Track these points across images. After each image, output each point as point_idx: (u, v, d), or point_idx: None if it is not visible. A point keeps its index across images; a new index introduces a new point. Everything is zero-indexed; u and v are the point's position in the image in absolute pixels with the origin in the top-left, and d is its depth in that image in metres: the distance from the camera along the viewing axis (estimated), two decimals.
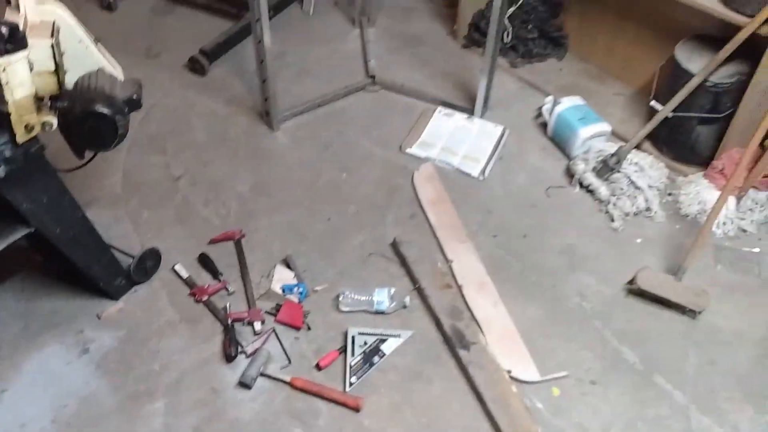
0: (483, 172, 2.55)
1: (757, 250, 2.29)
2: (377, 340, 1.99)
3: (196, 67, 3.00)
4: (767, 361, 1.99)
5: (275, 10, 3.30)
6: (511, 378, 1.90)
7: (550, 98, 2.72)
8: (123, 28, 3.24)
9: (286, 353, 1.97)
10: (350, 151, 2.64)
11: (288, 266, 2.19)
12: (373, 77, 2.95)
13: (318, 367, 1.93)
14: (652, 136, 2.62)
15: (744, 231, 2.34)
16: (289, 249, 2.25)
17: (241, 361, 1.94)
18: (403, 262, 2.21)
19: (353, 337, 1.98)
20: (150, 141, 2.67)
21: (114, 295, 2.09)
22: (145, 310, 2.08)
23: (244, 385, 1.88)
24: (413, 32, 3.29)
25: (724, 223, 2.33)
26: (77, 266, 1.94)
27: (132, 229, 2.31)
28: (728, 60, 2.31)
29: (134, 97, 1.75)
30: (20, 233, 1.74)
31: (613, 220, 2.36)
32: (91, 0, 3.36)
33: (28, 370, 1.92)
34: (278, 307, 2.06)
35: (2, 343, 1.97)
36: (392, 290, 2.09)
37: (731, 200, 2.35)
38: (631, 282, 2.13)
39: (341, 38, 3.24)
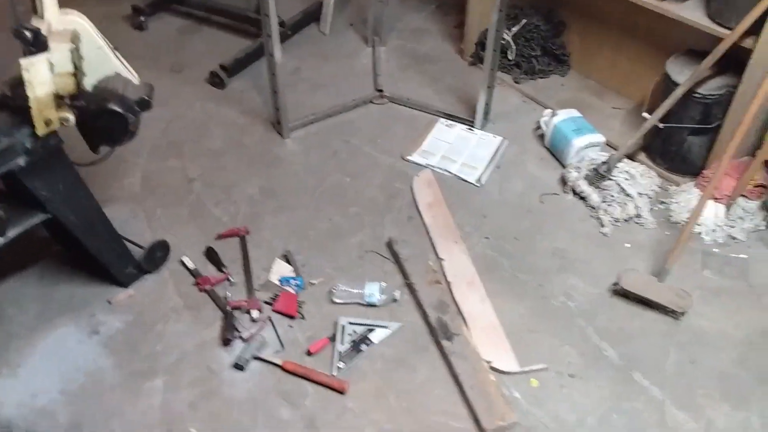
0: (480, 179, 2.65)
1: (744, 256, 2.33)
2: (366, 329, 2.09)
3: (216, 80, 3.19)
4: (748, 361, 2.02)
5: (294, 30, 3.51)
6: (491, 368, 1.98)
7: (548, 111, 2.83)
8: (151, 46, 3.48)
9: (279, 339, 2.08)
10: (355, 158, 2.78)
11: (287, 261, 2.32)
12: (380, 90, 3.11)
13: (309, 353, 2.04)
14: (646, 148, 2.71)
15: (733, 238, 2.39)
16: (290, 246, 2.38)
17: (238, 346, 2.06)
18: (397, 260, 2.32)
19: (343, 326, 2.09)
20: (169, 146, 2.86)
21: (125, 283, 2.24)
22: (153, 297, 2.23)
23: (238, 366, 2.00)
24: (423, 51, 3.44)
25: (714, 231, 2.39)
26: (91, 253, 2.10)
27: (146, 225, 2.48)
28: (718, 73, 2.40)
29: (145, 98, 1.92)
30: (39, 218, 1.91)
31: (603, 226, 2.44)
32: (125, 21, 3.61)
33: (42, 348, 2.07)
34: (275, 297, 2.18)
35: (21, 324, 2.14)
36: (383, 284, 2.19)
37: (721, 208, 2.41)
38: (616, 283, 2.20)
39: (354, 56, 3.41)
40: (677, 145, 2.55)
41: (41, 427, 1.87)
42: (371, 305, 2.17)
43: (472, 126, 2.91)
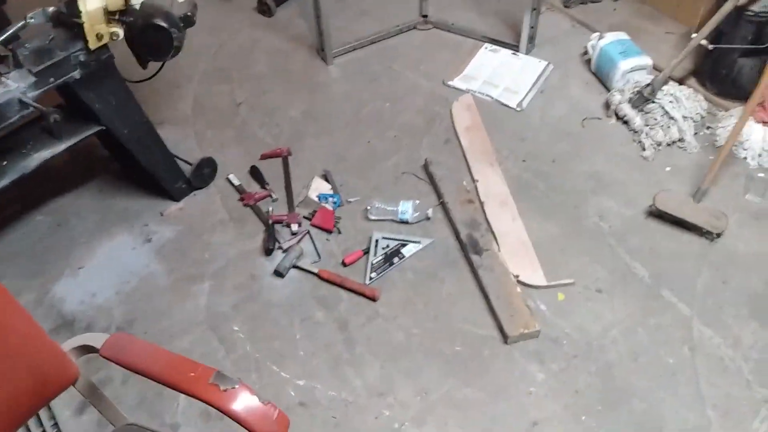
0: (521, 103, 2.64)
1: None
2: (398, 244, 2.17)
3: (264, 8, 3.25)
4: None
5: None
6: (519, 282, 2.03)
7: (596, 34, 2.75)
8: None
9: (317, 251, 2.19)
10: (396, 84, 2.81)
11: (326, 179, 2.41)
12: (425, 16, 3.09)
13: (344, 264, 2.14)
14: (696, 72, 2.62)
15: None
16: (329, 166, 2.47)
17: (278, 255, 2.19)
18: (432, 180, 2.37)
19: (377, 240, 2.18)
20: (218, 72, 2.96)
21: (176, 197, 2.39)
22: (201, 210, 2.37)
23: (278, 273, 2.12)
24: None
25: (760, 155, 2.32)
26: (143, 167, 2.24)
27: (196, 145, 2.61)
28: None
29: (189, 14, 2.00)
30: (94, 129, 2.05)
31: (644, 149, 2.40)
32: None
33: (100, 253, 2.26)
34: (314, 213, 2.29)
35: (81, 232, 2.33)
36: (417, 202, 2.26)
37: (766, 132, 2.32)
38: (651, 205, 2.18)
39: None
40: (727, 67, 2.46)
41: (99, 321, 2.05)
42: (405, 222, 2.24)
43: (517, 51, 2.87)
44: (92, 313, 2.08)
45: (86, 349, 1.14)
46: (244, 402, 0.97)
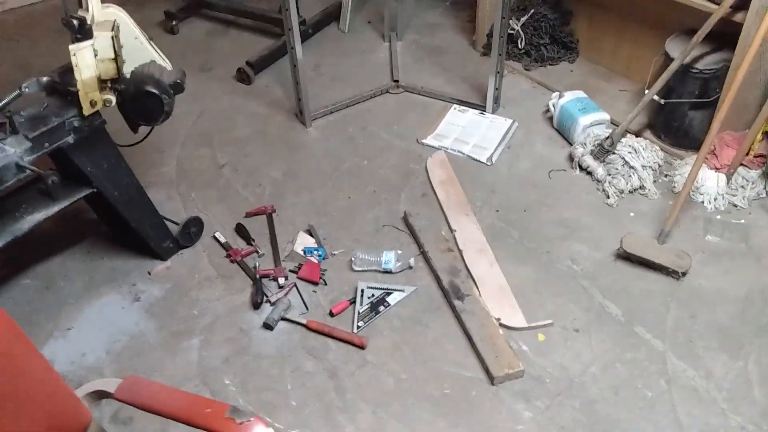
0: (491, 158, 2.80)
1: (744, 222, 2.44)
2: (383, 293, 2.25)
3: (242, 77, 3.41)
4: (746, 316, 2.13)
5: (314, 29, 3.72)
6: (500, 324, 2.12)
7: (556, 93, 2.97)
8: (182, 48, 3.71)
9: (304, 302, 2.26)
10: (372, 143, 2.96)
11: (310, 234, 2.50)
12: (396, 81, 3.29)
13: (331, 314, 2.21)
14: (651, 126, 2.83)
15: (735, 206, 2.50)
16: (312, 221, 2.56)
17: (266, 309, 2.24)
18: (412, 231, 2.48)
19: (362, 290, 2.26)
20: (200, 137, 3.07)
21: (163, 256, 2.44)
22: (189, 268, 2.42)
23: (267, 326, 2.17)
24: (437, 44, 3.62)
25: (715, 199, 2.50)
26: (132, 227, 2.30)
27: (181, 206, 2.69)
28: (714, 50, 2.52)
29: (179, 81, 2.12)
30: (86, 192, 2.12)
31: (608, 197, 2.56)
32: (158, 26, 3.86)
33: (89, 314, 2.28)
34: (300, 266, 2.36)
35: (70, 293, 2.35)
36: (399, 252, 2.36)
37: (722, 178, 2.52)
38: (619, 248, 2.32)
39: (372, 51, 3.60)
40: (679, 120, 2.67)
41: (90, 380, 2.04)
42: (388, 272, 2.33)
43: (484, 111, 3.07)
44: (82, 372, 2.09)
45: (99, 395, 1.18)
46: None
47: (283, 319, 2.20)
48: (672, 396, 1.92)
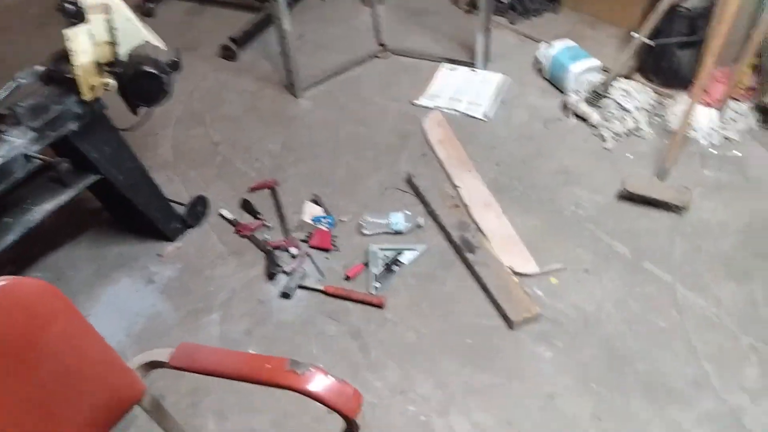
0: (486, 114, 2.82)
1: (740, 154, 2.50)
2: (396, 253, 2.29)
3: (227, 53, 3.38)
4: (748, 243, 2.20)
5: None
6: (514, 272, 2.16)
7: (544, 44, 2.98)
8: (162, 30, 3.59)
9: (319, 270, 2.29)
10: (366, 109, 2.96)
11: (316, 203, 2.52)
12: (383, 45, 3.28)
13: (347, 278, 2.24)
14: (641, 68, 2.86)
15: (728, 139, 2.55)
16: (315, 191, 2.58)
17: (282, 279, 2.27)
18: (417, 192, 2.51)
19: (375, 252, 2.29)
20: (192, 117, 3.05)
21: (172, 237, 2.45)
22: (199, 247, 2.43)
23: (285, 295, 2.20)
24: (419, 5, 3.60)
25: (709, 134, 2.55)
26: (139, 210, 2.30)
27: (182, 187, 2.68)
28: None
29: (175, 59, 2.11)
30: (93, 178, 2.11)
31: (605, 141, 2.61)
32: (135, 10, 3.78)
33: (104, 300, 2.29)
34: (310, 235, 2.38)
35: (81, 282, 2.35)
36: (407, 213, 2.39)
37: (714, 113, 2.57)
38: (621, 189, 2.37)
39: (354, 17, 3.57)
40: (668, 60, 2.71)
41: None
42: (398, 232, 2.36)
43: (474, 67, 3.08)
44: None
45: (152, 365, 1.21)
46: (321, 383, 1.07)
47: (301, 287, 2.23)
48: (684, 325, 1.99)
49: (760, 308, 2.01)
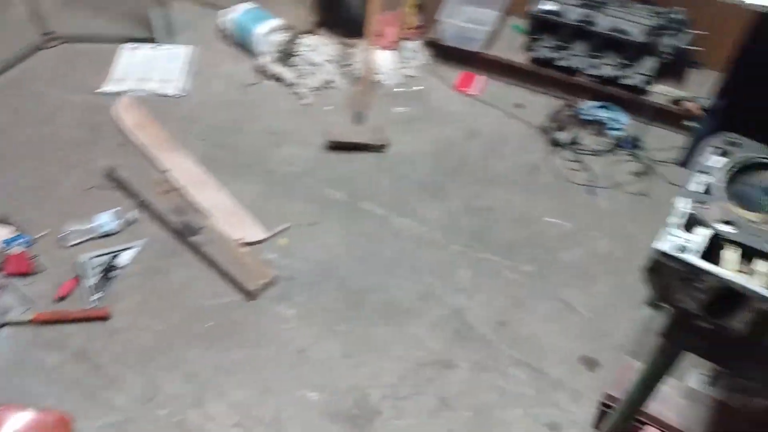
0: (180, 89, 2.69)
1: (422, 87, 2.76)
2: (111, 256, 2.09)
3: None
4: (439, 166, 2.46)
5: None
6: (243, 243, 2.13)
7: (224, 10, 2.92)
8: None
9: (24, 298, 1.99)
10: (43, 107, 2.62)
11: (5, 223, 2.17)
12: (49, 33, 2.90)
13: (61, 299, 1.99)
14: (324, 22, 2.96)
15: (409, 76, 2.79)
16: (2, 209, 2.22)
17: None
18: (121, 185, 2.30)
19: (85, 262, 2.06)
20: None
21: None
22: None
23: None
24: None
25: (392, 75, 2.76)
26: None
27: None
28: None
29: None
30: None
31: (302, 98, 2.67)
32: None
33: None
34: (3, 262, 2.05)
35: None
36: (118, 210, 2.19)
37: (392, 55, 2.78)
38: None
39: (3, 10, 3.08)
40: (345, 12, 2.85)
41: None
42: (109, 234, 2.16)
43: (158, 43, 2.89)
44: None
45: None
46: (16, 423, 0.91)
47: (4, 324, 1.92)
48: (404, 248, 2.18)
49: (460, 218, 2.27)
